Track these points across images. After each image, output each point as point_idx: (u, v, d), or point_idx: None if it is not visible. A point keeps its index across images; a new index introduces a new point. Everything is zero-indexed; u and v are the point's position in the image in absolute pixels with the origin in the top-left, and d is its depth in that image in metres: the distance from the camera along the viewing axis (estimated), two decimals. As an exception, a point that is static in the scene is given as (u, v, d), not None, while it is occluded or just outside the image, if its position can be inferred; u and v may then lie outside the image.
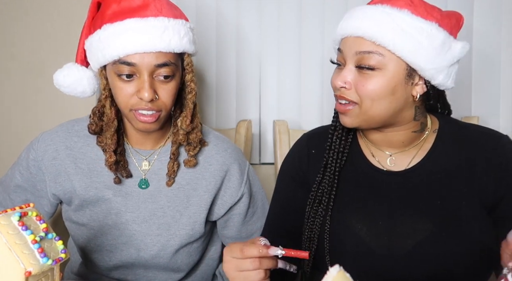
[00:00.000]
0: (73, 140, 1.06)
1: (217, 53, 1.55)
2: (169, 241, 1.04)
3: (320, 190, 0.94)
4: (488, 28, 1.45)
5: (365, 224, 0.89)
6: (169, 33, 0.93)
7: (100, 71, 0.99)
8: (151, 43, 0.92)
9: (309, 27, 1.51)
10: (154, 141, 1.07)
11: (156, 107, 0.96)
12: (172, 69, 0.96)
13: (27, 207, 0.73)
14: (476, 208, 0.87)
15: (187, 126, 1.01)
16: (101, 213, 1.03)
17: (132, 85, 0.94)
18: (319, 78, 1.52)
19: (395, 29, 0.83)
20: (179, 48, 0.95)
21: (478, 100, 1.48)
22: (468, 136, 0.93)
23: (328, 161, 0.95)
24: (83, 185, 1.03)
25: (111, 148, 1.00)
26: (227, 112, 1.57)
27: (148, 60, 0.93)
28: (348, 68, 0.87)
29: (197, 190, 1.06)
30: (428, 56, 0.84)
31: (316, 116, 1.53)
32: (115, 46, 0.92)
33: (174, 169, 1.03)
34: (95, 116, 1.02)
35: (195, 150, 1.04)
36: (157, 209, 1.04)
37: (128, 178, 1.04)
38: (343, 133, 0.96)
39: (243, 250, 0.75)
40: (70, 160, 1.05)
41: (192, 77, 1.01)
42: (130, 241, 1.04)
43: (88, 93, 1.03)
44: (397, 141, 0.93)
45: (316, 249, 0.92)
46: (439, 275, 0.84)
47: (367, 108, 0.86)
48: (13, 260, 0.65)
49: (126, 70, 0.93)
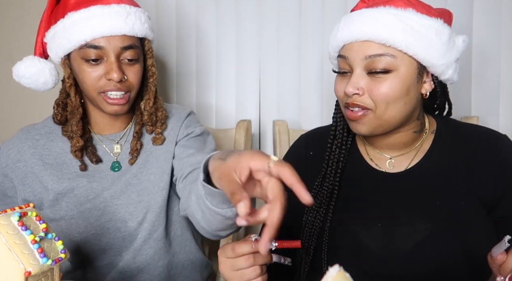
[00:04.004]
0: (35, 139, 1.09)
1: (217, 53, 1.55)
2: (151, 202, 1.05)
3: (320, 194, 0.94)
4: (488, 27, 1.45)
5: (364, 226, 0.89)
6: (132, 18, 1.00)
7: (64, 60, 1.02)
8: (116, 27, 0.98)
9: (309, 27, 1.51)
10: (120, 124, 1.11)
11: (125, 88, 1.01)
12: (136, 52, 1.02)
13: (27, 207, 0.73)
14: (475, 208, 0.87)
15: (150, 107, 1.07)
16: (77, 201, 1.04)
17: (100, 68, 0.99)
18: (319, 78, 1.52)
19: (405, 29, 0.83)
20: (141, 33, 1.03)
21: (478, 100, 1.48)
22: (466, 136, 0.93)
23: (329, 165, 0.94)
24: (55, 179, 1.05)
25: (77, 134, 1.04)
26: (227, 112, 1.57)
27: (114, 43, 0.98)
28: (358, 74, 0.85)
29: (161, 148, 1.10)
30: (439, 52, 0.85)
31: (315, 116, 1.53)
32: (82, 31, 0.97)
33: (137, 148, 1.07)
34: (59, 107, 1.07)
35: (162, 126, 1.10)
36: (131, 179, 1.06)
37: (98, 163, 1.07)
38: (343, 136, 0.96)
39: (235, 249, 0.74)
40: (36, 158, 1.07)
41: (153, 62, 1.08)
42: (114, 216, 1.04)
43: (49, 84, 1.06)
44: (399, 142, 0.93)
45: (315, 250, 0.92)
46: (439, 275, 0.84)
47: (382, 112, 0.85)
48: (12, 260, 0.65)
49: (93, 54, 0.98)
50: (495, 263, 0.72)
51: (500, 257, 0.71)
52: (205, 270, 1.19)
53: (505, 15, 1.44)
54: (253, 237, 0.76)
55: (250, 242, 0.75)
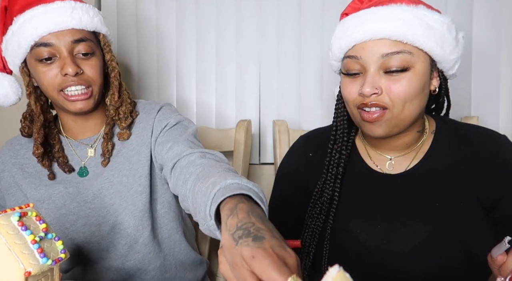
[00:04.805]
0: (16, 149, 1.11)
1: (217, 53, 1.55)
2: (123, 204, 1.03)
3: (320, 200, 0.93)
4: (487, 28, 1.45)
5: (364, 227, 0.89)
6: (78, 12, 0.98)
7: (22, 68, 1.02)
8: (63, 21, 0.96)
9: (309, 27, 1.51)
10: (93, 127, 1.10)
11: (84, 82, 0.99)
12: (89, 45, 1.00)
13: (27, 207, 0.73)
14: (475, 209, 0.87)
15: (115, 101, 1.05)
16: (54, 208, 1.04)
17: (55, 66, 0.98)
18: (319, 78, 1.52)
19: (421, 25, 0.83)
20: (91, 26, 1.01)
21: (478, 100, 1.48)
22: (465, 136, 0.93)
23: (329, 171, 0.94)
24: (33, 186, 1.05)
25: (38, 140, 1.02)
26: (227, 112, 1.57)
27: (63, 38, 0.97)
28: (374, 73, 0.84)
29: (134, 149, 1.07)
30: (450, 47, 0.86)
31: (315, 116, 1.53)
32: (29, 31, 0.96)
33: (108, 149, 1.06)
34: (26, 120, 1.07)
35: (126, 121, 1.07)
36: (103, 181, 1.04)
37: (70, 173, 1.06)
38: (343, 141, 0.95)
39: None
40: (16, 168, 1.08)
41: (111, 56, 1.06)
42: (88, 220, 1.04)
43: (12, 97, 1.05)
44: (401, 143, 0.92)
45: (315, 252, 0.91)
46: (439, 276, 0.84)
47: (399, 111, 0.84)
48: (12, 260, 0.65)
49: (45, 53, 0.97)
50: (495, 264, 0.72)
51: (500, 258, 0.71)
52: (200, 267, 1.18)
53: (505, 15, 1.44)
54: None
55: None
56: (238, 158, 1.40)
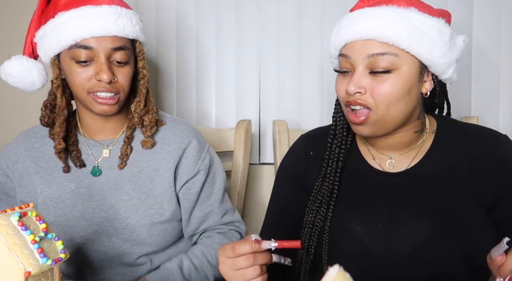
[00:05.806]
0: (31, 141, 1.10)
1: (216, 53, 1.55)
2: (139, 222, 1.04)
3: (320, 194, 0.94)
4: (488, 27, 1.45)
5: (364, 226, 0.89)
6: (122, 20, 0.99)
7: (53, 60, 1.01)
8: (107, 28, 0.97)
9: (309, 27, 1.51)
10: (113, 129, 1.10)
11: (114, 89, 1.00)
12: (127, 53, 1.01)
13: (27, 207, 0.73)
14: (475, 209, 0.87)
15: (141, 109, 1.06)
16: (65, 207, 1.04)
17: (90, 69, 0.98)
18: (319, 78, 1.52)
19: (409, 28, 0.83)
20: (132, 34, 1.02)
21: (478, 100, 1.48)
22: (466, 136, 0.93)
23: (329, 165, 0.94)
24: (45, 182, 1.05)
25: (60, 135, 1.03)
26: (227, 112, 1.57)
27: (104, 44, 0.97)
28: (360, 73, 0.85)
29: (158, 170, 1.08)
30: (441, 51, 0.85)
31: (315, 116, 1.53)
32: (72, 30, 0.96)
33: (127, 153, 1.06)
34: (47, 109, 1.06)
35: (151, 130, 1.07)
36: (122, 194, 1.05)
37: (81, 167, 1.06)
38: (342, 136, 0.95)
39: (234, 248, 0.74)
40: (30, 161, 1.08)
41: (144, 64, 1.06)
42: (99, 228, 1.04)
43: (37, 84, 1.05)
44: (399, 143, 0.92)
45: (315, 250, 0.91)
46: (439, 276, 0.84)
47: (383, 113, 0.85)
48: (12, 260, 0.65)
49: (83, 55, 0.97)
50: (494, 264, 0.71)
51: (499, 259, 0.71)
52: None
53: (505, 15, 1.45)
54: (253, 237, 0.76)
55: (250, 242, 0.75)
56: (238, 158, 1.40)
